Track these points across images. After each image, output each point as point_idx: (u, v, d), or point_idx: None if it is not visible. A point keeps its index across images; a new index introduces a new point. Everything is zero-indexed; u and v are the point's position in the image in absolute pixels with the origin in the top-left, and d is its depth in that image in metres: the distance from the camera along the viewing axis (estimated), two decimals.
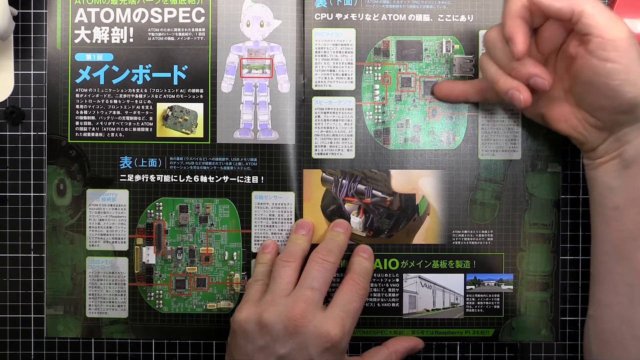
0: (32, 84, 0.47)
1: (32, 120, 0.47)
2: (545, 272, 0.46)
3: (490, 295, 0.46)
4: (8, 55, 0.47)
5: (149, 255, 0.46)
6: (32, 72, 0.47)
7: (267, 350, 0.39)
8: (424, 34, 0.46)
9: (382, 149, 0.46)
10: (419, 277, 0.46)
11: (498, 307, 0.46)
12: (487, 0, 0.45)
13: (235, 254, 0.46)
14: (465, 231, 0.46)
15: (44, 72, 0.47)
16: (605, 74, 0.36)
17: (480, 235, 0.46)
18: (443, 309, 0.46)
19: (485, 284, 0.46)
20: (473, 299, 0.46)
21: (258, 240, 0.46)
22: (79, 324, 0.46)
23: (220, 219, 0.46)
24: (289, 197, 0.46)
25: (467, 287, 0.46)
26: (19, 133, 0.47)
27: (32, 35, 0.47)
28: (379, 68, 0.46)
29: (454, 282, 0.46)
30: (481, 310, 0.46)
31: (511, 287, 0.46)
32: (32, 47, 0.47)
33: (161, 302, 0.46)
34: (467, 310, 0.46)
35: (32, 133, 0.47)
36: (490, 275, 0.46)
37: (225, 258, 0.46)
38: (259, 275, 0.44)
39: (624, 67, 0.36)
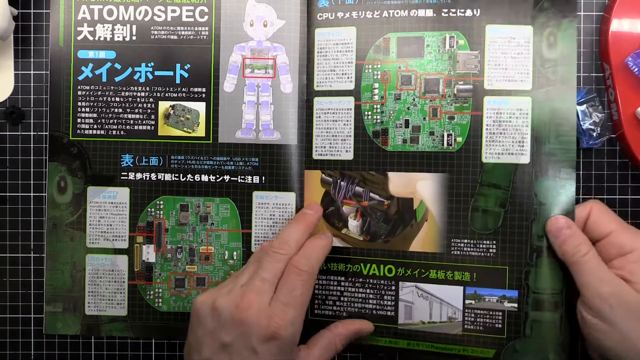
0: (32, 84, 0.47)
1: (32, 120, 0.47)
2: (555, 290, 0.42)
3: (491, 313, 0.43)
4: (8, 55, 0.47)
5: (148, 253, 0.46)
6: (32, 72, 0.47)
7: (214, 336, 0.38)
8: (426, 29, 0.44)
9: (380, 150, 0.44)
10: (416, 287, 0.44)
11: (500, 326, 0.43)
12: None
13: (235, 253, 0.46)
14: (465, 240, 0.43)
15: (44, 71, 0.47)
16: None
17: (481, 245, 0.43)
18: (440, 322, 0.44)
19: (487, 299, 0.43)
20: (472, 315, 0.43)
21: (258, 240, 0.46)
22: (78, 322, 0.46)
23: (220, 219, 0.46)
24: (290, 197, 0.46)
25: (467, 302, 0.43)
26: (19, 133, 0.47)
27: (32, 35, 0.47)
28: (379, 66, 0.44)
29: (452, 294, 0.43)
30: (481, 327, 0.43)
31: (515, 305, 0.42)
32: (32, 47, 0.47)
33: (160, 300, 0.46)
34: (465, 326, 0.43)
35: (32, 133, 0.47)
36: (492, 290, 0.43)
37: (225, 257, 0.46)
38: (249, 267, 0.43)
39: None
